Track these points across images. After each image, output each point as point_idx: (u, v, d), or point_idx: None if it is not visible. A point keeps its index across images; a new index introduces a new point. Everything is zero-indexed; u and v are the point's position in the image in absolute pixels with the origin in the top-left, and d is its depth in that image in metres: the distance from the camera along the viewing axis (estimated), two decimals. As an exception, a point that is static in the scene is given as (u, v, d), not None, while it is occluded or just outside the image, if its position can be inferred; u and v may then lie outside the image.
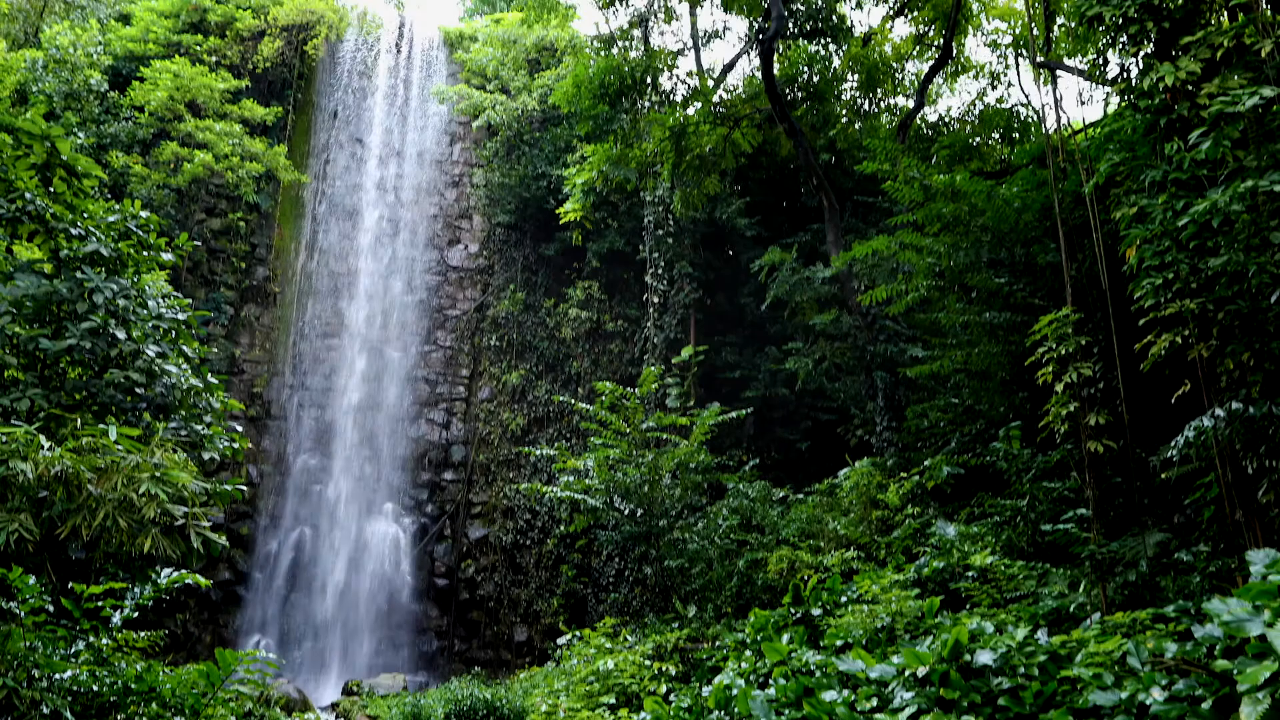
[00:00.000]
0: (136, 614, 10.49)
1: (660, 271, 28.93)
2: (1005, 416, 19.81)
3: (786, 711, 13.18)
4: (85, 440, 8.73)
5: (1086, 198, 15.74)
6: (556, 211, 30.12)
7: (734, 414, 22.66)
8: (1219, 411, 12.53)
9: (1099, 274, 15.92)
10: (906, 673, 12.83)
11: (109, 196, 13.59)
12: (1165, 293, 13.22)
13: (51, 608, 9.67)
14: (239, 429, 13.08)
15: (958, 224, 20.45)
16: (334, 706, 23.39)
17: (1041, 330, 15.95)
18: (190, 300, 13.87)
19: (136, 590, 10.65)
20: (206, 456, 14.25)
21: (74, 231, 11.40)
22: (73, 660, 9.82)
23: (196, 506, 9.38)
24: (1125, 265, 14.25)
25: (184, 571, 10.53)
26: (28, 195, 10.89)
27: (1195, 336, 13.37)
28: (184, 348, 13.84)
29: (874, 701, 12.72)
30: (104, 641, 10.24)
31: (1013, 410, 19.94)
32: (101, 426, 9.12)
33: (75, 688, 9.52)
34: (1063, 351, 15.68)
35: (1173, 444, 13.46)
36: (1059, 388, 15.78)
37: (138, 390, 12.55)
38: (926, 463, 20.73)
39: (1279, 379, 12.71)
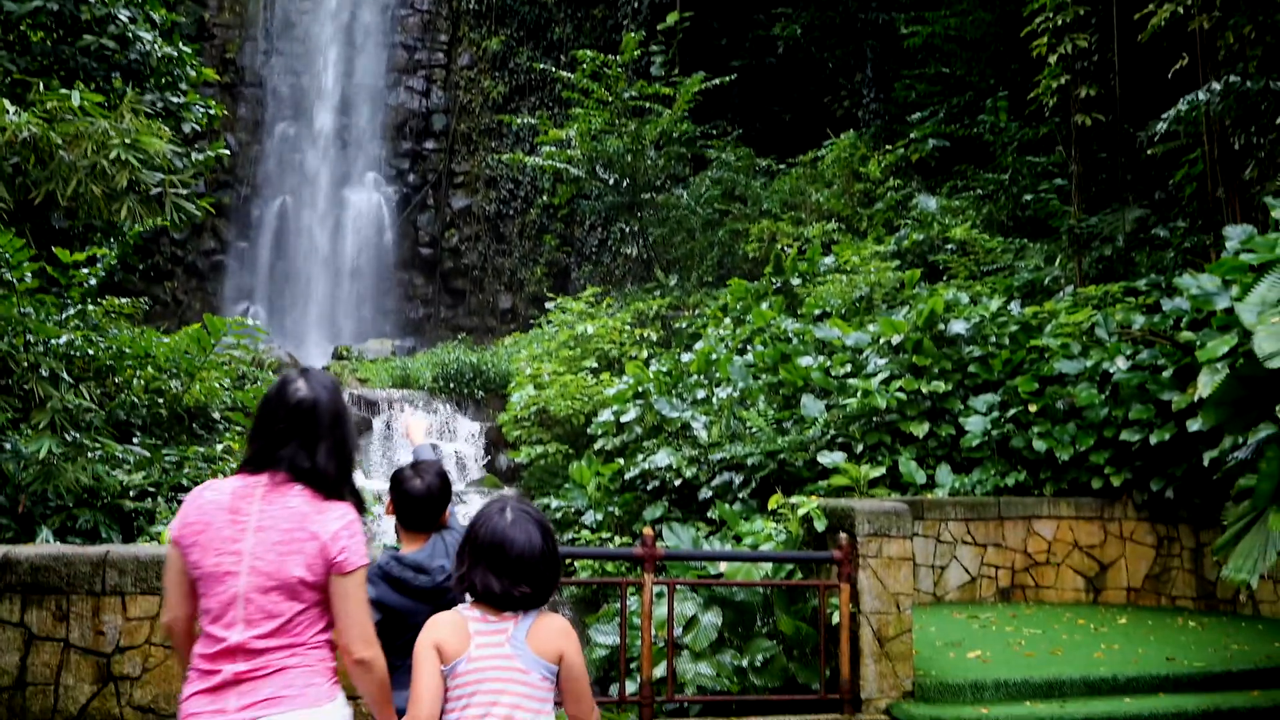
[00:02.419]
0: (117, 278, 10.54)
1: (645, -71, 27.44)
2: (994, 88, 19.44)
3: (764, 376, 13.67)
4: (51, 105, 8.49)
5: None
6: None
7: (718, 81, 22.14)
8: (1215, 85, 12.30)
9: (1104, -63, 15.20)
10: (881, 340, 13.22)
11: None
12: (1171, -42, 12.68)
13: (35, 280, 9.73)
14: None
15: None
16: (325, 370, 24.07)
17: (1040, -2, 15.40)
18: (151, -43, 13.12)
19: (110, 252, 10.67)
20: (187, 129, 13.96)
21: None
22: (64, 326, 9.98)
23: (172, 174, 9.25)
24: (1133, -73, 13.59)
25: (144, 223, 10.46)
26: None
27: (1198, 7, 12.94)
28: (151, 13, 13.26)
29: (848, 368, 13.17)
30: (91, 307, 10.38)
31: (1003, 82, 19.54)
32: (65, 91, 8.84)
33: (71, 352, 9.73)
34: (1059, 21, 15.20)
35: (1163, 117, 13.29)
36: (1052, 59, 15.42)
37: (109, 56, 12.11)
38: (912, 135, 20.51)
39: (1279, 54, 12.40)
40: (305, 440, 3.18)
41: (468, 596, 3.17)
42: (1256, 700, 7.88)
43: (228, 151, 12.78)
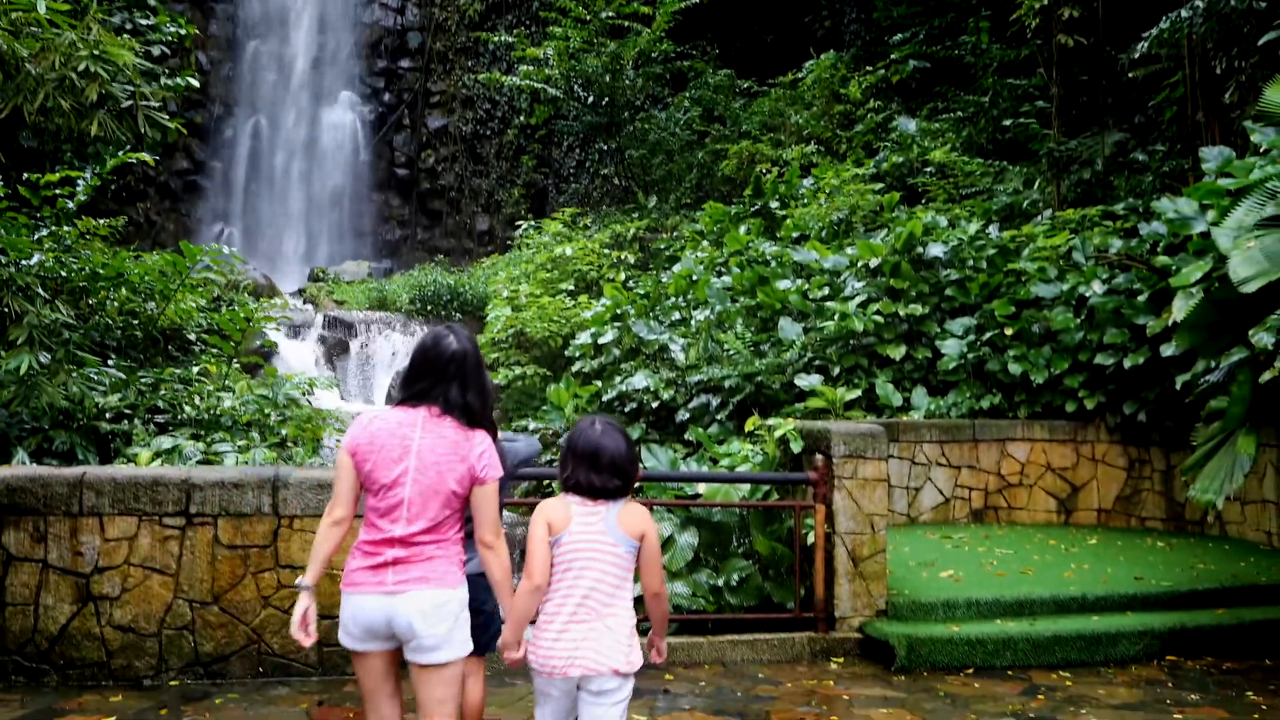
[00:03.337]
0: (90, 198, 10.36)
1: None
2: (975, 9, 19.23)
3: (742, 299, 13.66)
4: (15, 16, 8.29)
5: None
6: None
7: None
8: (1197, 3, 12.19)
9: None
10: (859, 263, 13.22)
11: None
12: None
13: (4, 201, 9.57)
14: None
15: None
16: (301, 292, 23.93)
17: (1023, -85, 15.18)
18: None
19: (92, 176, 10.49)
20: (156, 51, 13.67)
21: None
22: (38, 248, 9.82)
23: (144, 87, 9.07)
24: None
25: (127, 150, 10.29)
26: None
27: (1182, -76, 12.79)
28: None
29: (826, 290, 13.18)
30: (65, 229, 10.22)
31: (984, 3, 19.33)
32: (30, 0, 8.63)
33: (43, 274, 9.60)
34: (1043, -61, 15.02)
35: (1144, 36, 13.19)
36: (1035, -21, 15.26)
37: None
38: (892, 56, 20.33)
39: (1262, -28, 12.27)
40: (460, 383, 4.00)
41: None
42: (1221, 618, 8.05)
43: (196, 83, 12.50)
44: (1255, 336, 7.53)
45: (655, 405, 12.64)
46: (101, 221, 11.11)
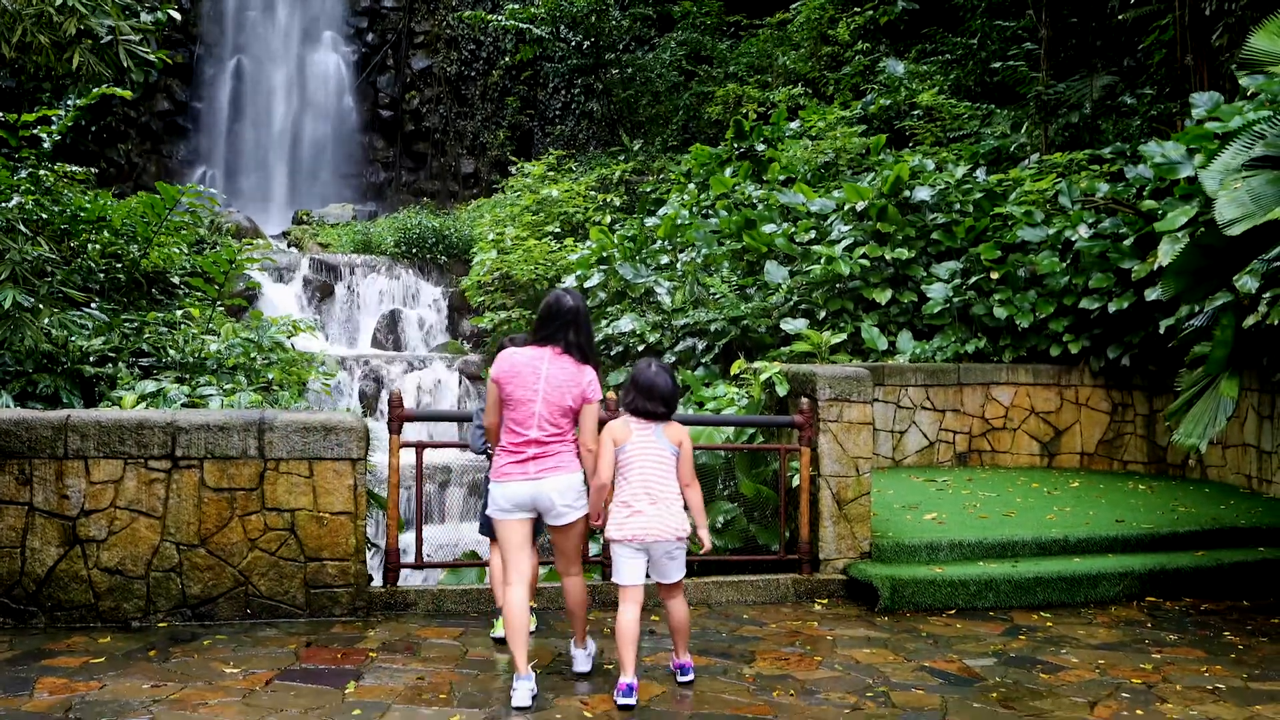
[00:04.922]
0: (70, 139, 10.21)
1: None
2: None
3: (728, 242, 13.63)
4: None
5: None
6: None
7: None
8: (1187, -53, 12.08)
9: None
10: (846, 207, 13.18)
11: None
12: None
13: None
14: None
15: None
16: (285, 235, 23.76)
17: None
18: None
19: (68, 112, 10.33)
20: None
21: None
22: (17, 190, 9.71)
23: (122, 21, 8.91)
24: None
25: (105, 86, 10.11)
26: None
27: None
28: None
29: (812, 234, 13.15)
30: (41, 171, 10.09)
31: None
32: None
33: (23, 216, 9.50)
34: (1035, -122, 14.82)
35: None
36: (1026, -82, 15.08)
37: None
38: (882, -4, 20.16)
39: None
40: (575, 330, 5.40)
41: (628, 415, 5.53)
42: (1200, 560, 8.14)
43: (177, 15, 12.30)
44: (1239, 281, 7.55)
45: (641, 349, 12.65)
46: (76, 169, 10.97)
